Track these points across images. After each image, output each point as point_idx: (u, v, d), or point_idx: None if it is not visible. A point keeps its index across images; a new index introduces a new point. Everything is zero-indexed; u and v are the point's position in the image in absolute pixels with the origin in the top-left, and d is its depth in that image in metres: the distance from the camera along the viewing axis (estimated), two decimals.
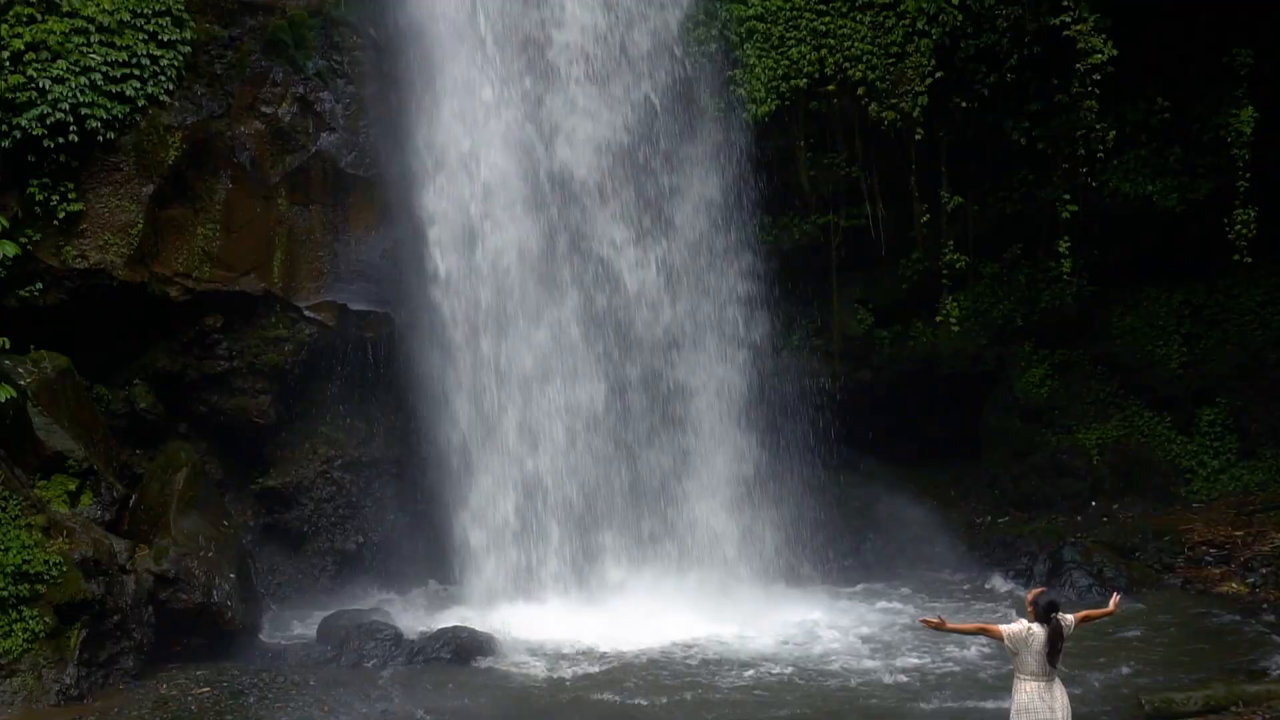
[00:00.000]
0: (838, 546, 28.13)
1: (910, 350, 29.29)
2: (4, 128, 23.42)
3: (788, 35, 26.76)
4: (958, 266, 27.47)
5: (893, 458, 29.23)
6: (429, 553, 26.72)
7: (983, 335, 29.10)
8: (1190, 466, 28.70)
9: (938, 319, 28.10)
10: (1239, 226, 25.86)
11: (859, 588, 27.05)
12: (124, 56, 24.32)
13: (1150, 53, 25.52)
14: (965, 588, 26.81)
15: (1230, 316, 28.79)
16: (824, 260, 28.29)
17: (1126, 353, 29.17)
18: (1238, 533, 26.42)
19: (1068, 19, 24.40)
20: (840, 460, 28.11)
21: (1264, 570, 25.07)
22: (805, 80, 26.65)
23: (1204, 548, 26.26)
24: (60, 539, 20.67)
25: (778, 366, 28.12)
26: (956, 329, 27.77)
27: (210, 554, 22.58)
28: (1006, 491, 29.46)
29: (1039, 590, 15.41)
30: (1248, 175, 25.65)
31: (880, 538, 28.69)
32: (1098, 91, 24.78)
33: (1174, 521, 27.35)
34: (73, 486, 22.30)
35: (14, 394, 21.00)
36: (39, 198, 23.87)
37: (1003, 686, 17.26)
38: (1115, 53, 24.34)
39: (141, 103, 24.52)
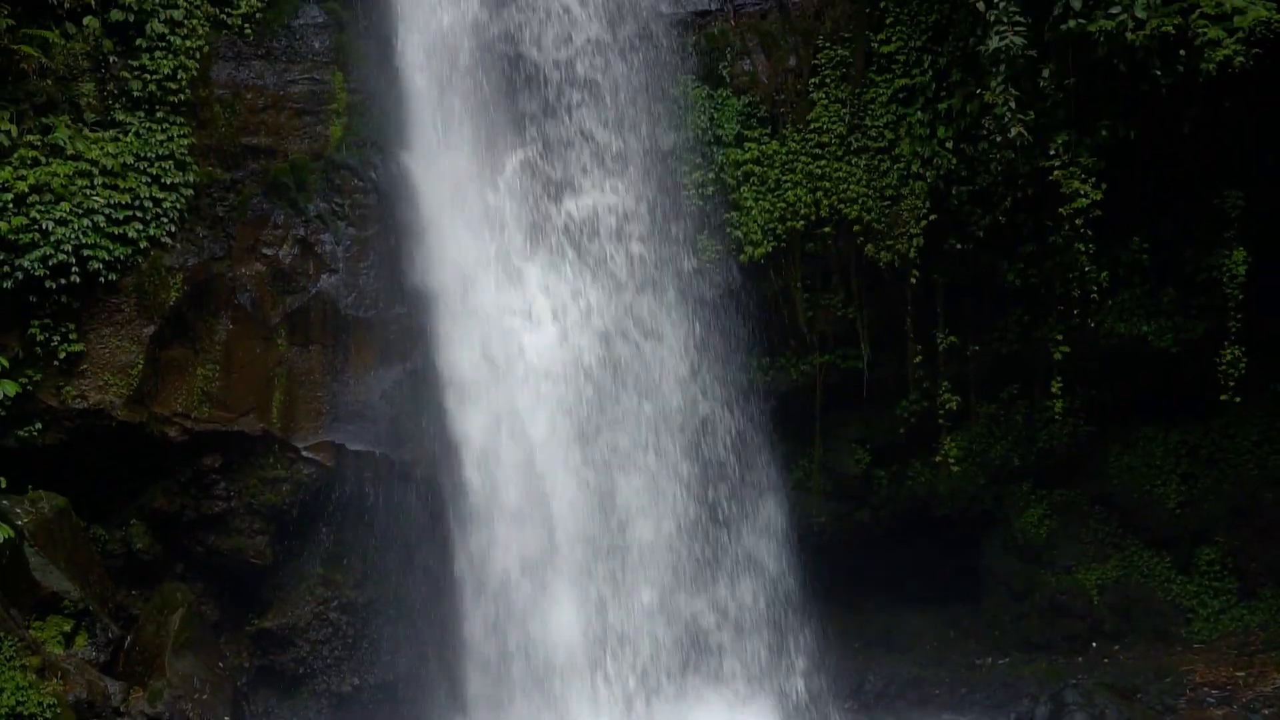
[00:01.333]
0: (838, 688, 27.82)
1: (908, 490, 29.29)
2: (6, 269, 23.56)
3: (784, 179, 27.12)
4: (950, 407, 27.59)
5: (892, 598, 29.12)
6: (428, 696, 26.42)
7: (980, 475, 29.11)
8: (1191, 606, 28.54)
9: (936, 459, 28.21)
10: (1227, 366, 25.98)
11: None
12: (127, 199, 24.58)
13: (1143, 195, 25.81)
14: None
15: (1227, 456, 28.82)
16: (821, 401, 28.36)
17: (1124, 492, 29.17)
18: (1239, 673, 26.25)
19: (1057, 163, 24.70)
20: (840, 601, 27.97)
21: (1266, 711, 24.86)
22: (801, 222, 26.97)
23: (1206, 689, 26.07)
24: (55, 680, 20.59)
25: (776, 507, 28.06)
26: (956, 469, 27.89)
27: (205, 696, 22.48)
28: (1006, 632, 29.23)
29: None
30: (1239, 316, 25.83)
31: (881, 679, 28.47)
32: (1089, 233, 25.01)
33: (1176, 662, 27.13)
34: (68, 627, 22.23)
35: (11, 534, 21.02)
36: (40, 338, 23.99)
37: None
38: (1100, 196, 24.59)
39: (144, 244, 24.75)
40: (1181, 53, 22.79)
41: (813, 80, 27.46)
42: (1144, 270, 27.07)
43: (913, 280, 26.88)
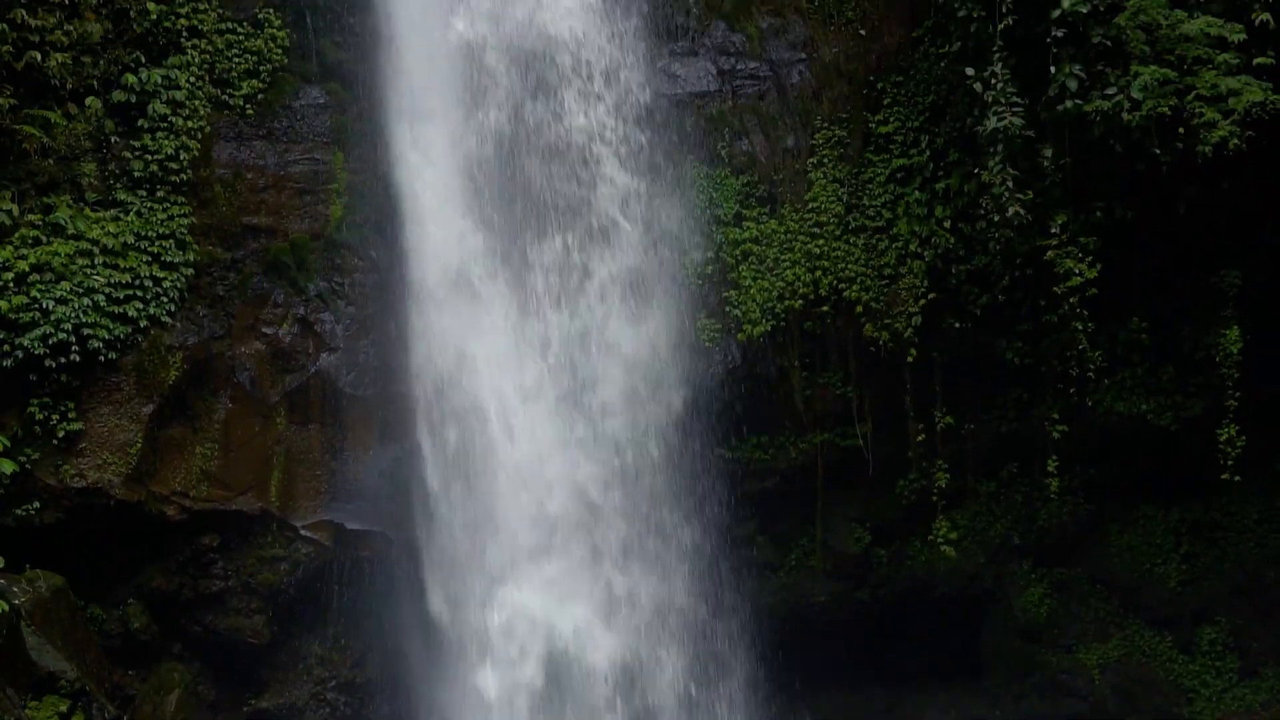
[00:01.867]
0: None
1: (908, 569, 29.20)
2: (6, 347, 23.59)
3: (782, 258, 27.22)
4: (940, 484, 27.58)
5: (893, 677, 28.96)
6: None
7: (980, 554, 29.04)
8: (1193, 686, 28.39)
9: (931, 538, 28.16)
10: (1225, 445, 25.98)
11: None
12: (127, 278, 24.67)
13: (1140, 273, 25.93)
14: None
15: (1227, 535, 28.81)
16: (820, 479, 28.34)
17: (1125, 571, 29.10)
18: None
19: (1054, 242, 24.81)
20: (840, 681, 27.85)
21: None
22: (800, 301, 27.04)
23: None
24: None
25: (775, 587, 28.00)
26: (951, 552, 27.83)
27: None
28: (1008, 712, 29.06)
29: None
30: (1237, 394, 25.87)
31: None
32: (1085, 312, 25.09)
33: None
34: (64, 708, 22.09)
35: (8, 612, 20.89)
36: (39, 417, 23.99)
37: None
38: (1095, 274, 24.68)
39: (144, 323, 24.81)
40: (1181, 130, 22.92)
41: (811, 160, 27.65)
42: (1142, 349, 27.13)
43: (911, 359, 26.93)
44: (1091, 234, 24.73)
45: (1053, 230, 24.66)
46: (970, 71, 24.47)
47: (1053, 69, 23.51)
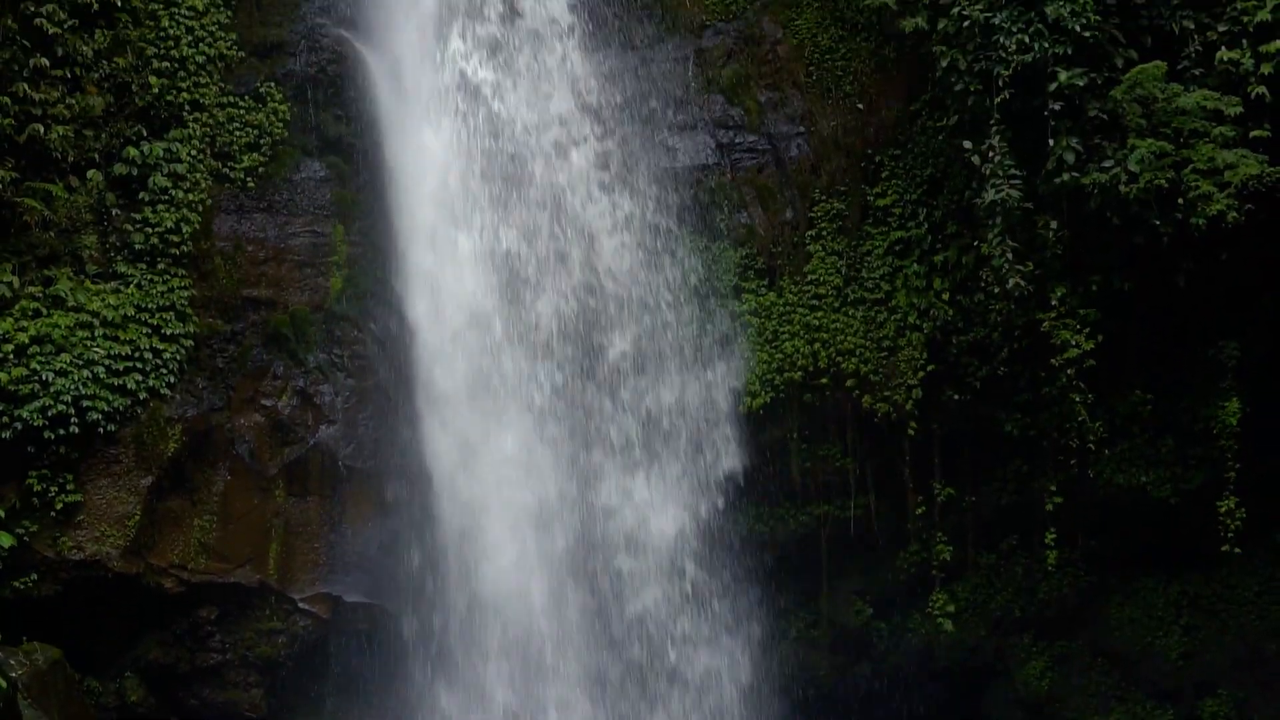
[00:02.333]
0: None
1: (909, 642, 29.05)
2: (5, 419, 23.52)
3: (781, 330, 27.30)
4: (945, 558, 27.54)
5: None
6: None
7: (981, 626, 28.92)
8: None
9: (929, 610, 28.06)
10: (1225, 517, 25.96)
11: None
12: (127, 350, 24.65)
13: (1139, 345, 26.02)
14: None
15: (1228, 607, 28.67)
16: (819, 552, 28.25)
17: (1126, 643, 28.95)
18: None
19: (1053, 314, 24.87)
20: None
21: None
22: (799, 373, 27.09)
23: None
24: None
25: (776, 660, 27.88)
26: (949, 626, 27.72)
27: None
28: None
29: None
30: (1237, 466, 25.87)
31: None
32: (1084, 384, 25.14)
33: None
34: None
35: (5, 686, 20.76)
36: (37, 489, 23.91)
37: None
38: (1091, 345, 24.75)
39: (143, 395, 24.78)
40: (1179, 202, 23.06)
41: (809, 233, 27.78)
42: (1142, 420, 27.17)
43: (910, 431, 26.94)
44: (1090, 306, 24.83)
45: (1053, 302, 24.72)
46: (968, 145, 24.63)
47: (1050, 142, 23.70)
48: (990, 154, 24.21)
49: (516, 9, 28.26)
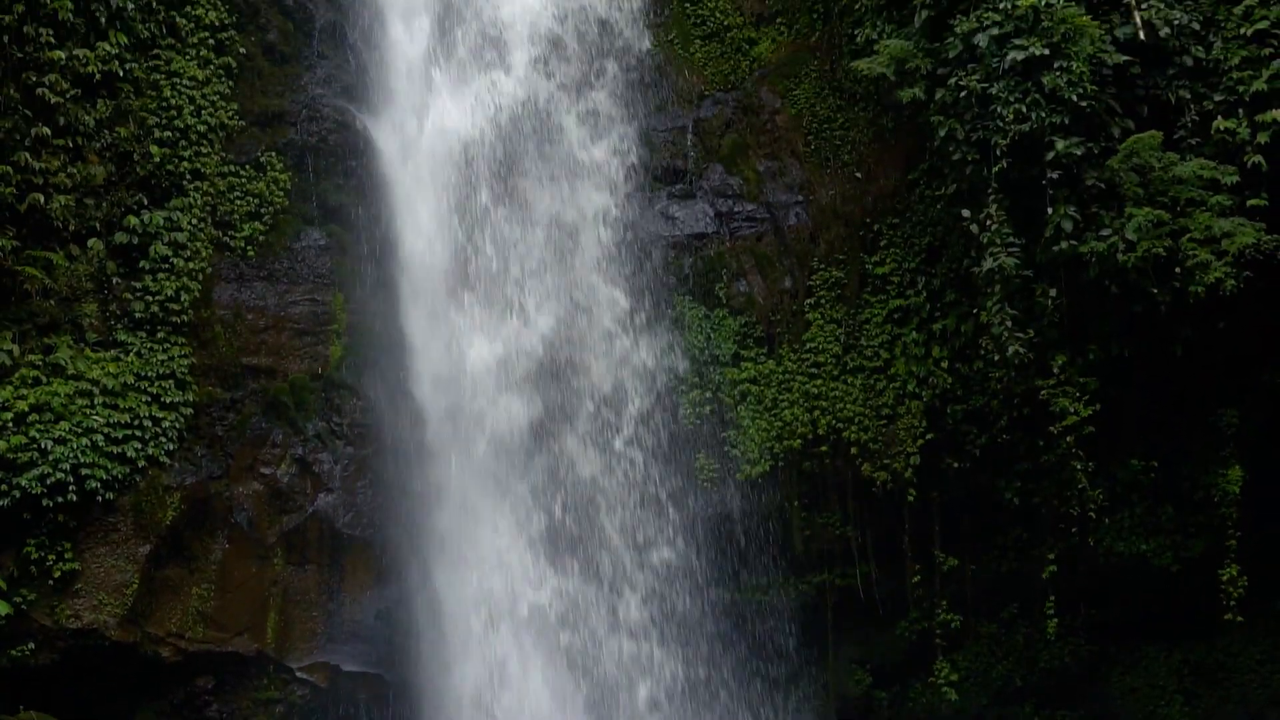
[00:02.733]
0: None
1: (909, 711, 28.92)
2: (4, 487, 23.50)
3: (781, 398, 27.33)
4: (953, 626, 27.46)
5: None
6: None
7: (982, 695, 28.77)
8: None
9: (931, 680, 27.91)
10: (1227, 585, 25.89)
11: None
12: (126, 418, 24.66)
13: (1139, 413, 26.01)
14: None
15: (1230, 675, 28.53)
16: (821, 620, 28.16)
17: (1128, 713, 28.74)
18: None
19: (1053, 382, 24.88)
20: None
21: None
22: (799, 441, 27.10)
23: None
24: None
25: None
26: (953, 695, 27.58)
27: None
28: None
29: None
30: (1238, 533, 25.82)
31: None
32: (1083, 451, 25.12)
33: None
34: None
35: None
36: (35, 556, 23.86)
37: None
38: (1090, 413, 24.72)
39: (142, 463, 24.77)
40: (1176, 271, 23.10)
41: (808, 301, 27.85)
42: (1141, 488, 27.13)
43: (910, 499, 26.90)
44: (1090, 374, 24.81)
45: (1053, 370, 24.73)
46: (966, 213, 24.70)
47: (1048, 210, 23.75)
48: (988, 222, 24.27)
49: (516, 82, 28.59)
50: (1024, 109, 23.50)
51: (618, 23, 29.31)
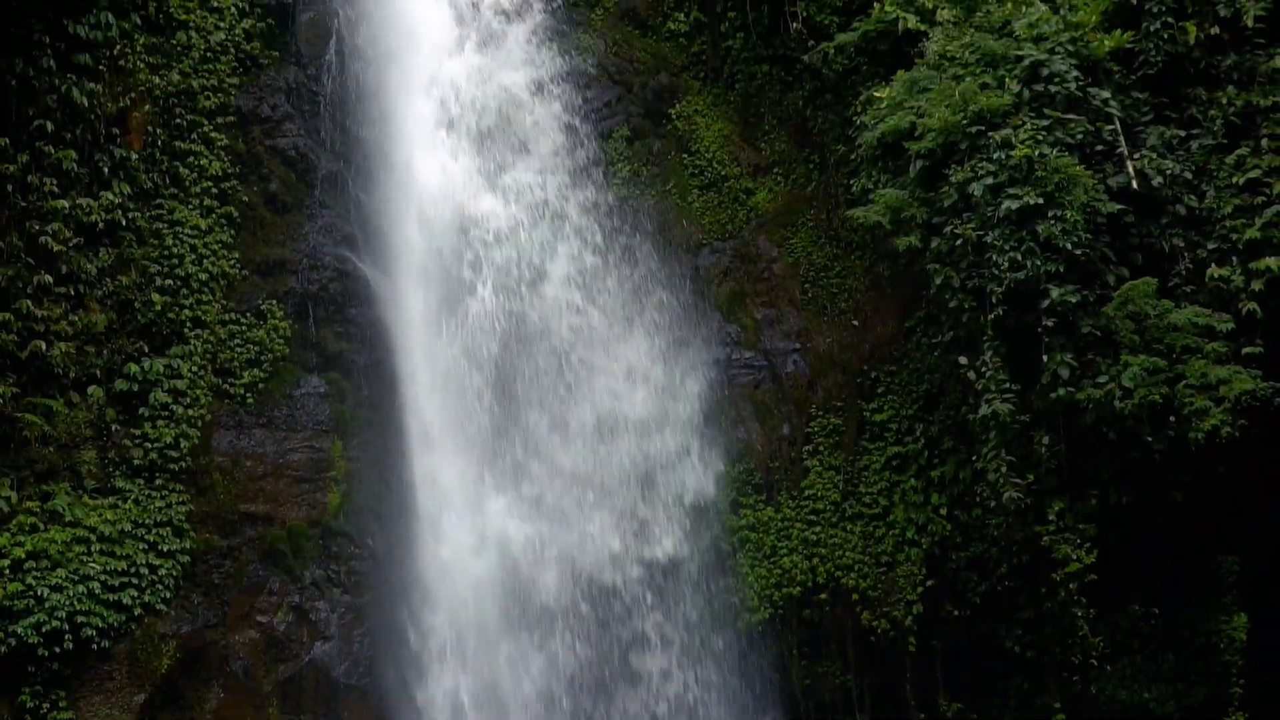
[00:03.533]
0: None
1: None
2: (0, 635, 23.36)
3: (779, 545, 27.30)
4: None
5: None
6: None
7: None
8: None
9: None
10: None
11: None
12: (123, 566, 24.58)
13: (1139, 560, 25.93)
14: None
15: None
16: None
17: None
18: None
19: (1052, 529, 24.85)
20: None
21: None
22: (798, 589, 27.00)
23: None
24: None
25: None
26: None
27: None
28: None
29: None
30: (1241, 681, 25.63)
31: None
32: (1084, 599, 25.01)
33: None
34: None
35: None
36: (29, 705, 23.64)
37: None
38: (1092, 560, 24.65)
39: (138, 611, 24.64)
40: (1173, 419, 23.17)
41: (806, 448, 27.91)
42: (1143, 635, 26.92)
43: (911, 647, 26.72)
44: (1089, 521, 24.78)
45: (1050, 517, 24.69)
46: (963, 360, 24.82)
47: (1044, 357, 23.86)
48: (984, 369, 24.36)
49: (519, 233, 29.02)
50: (1019, 257, 23.68)
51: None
